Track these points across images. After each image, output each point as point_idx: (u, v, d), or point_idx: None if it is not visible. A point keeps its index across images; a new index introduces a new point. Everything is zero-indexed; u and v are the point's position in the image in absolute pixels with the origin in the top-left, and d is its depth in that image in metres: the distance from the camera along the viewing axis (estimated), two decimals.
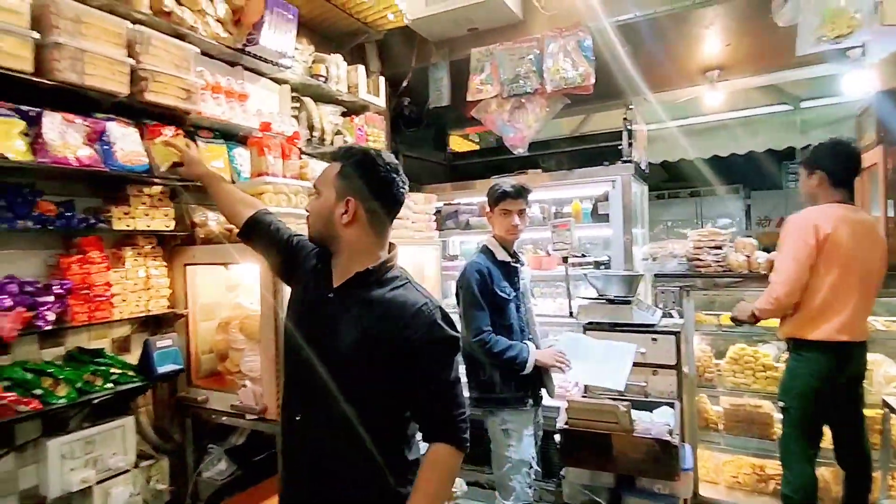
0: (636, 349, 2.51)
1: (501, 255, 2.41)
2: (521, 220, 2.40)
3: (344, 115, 2.97)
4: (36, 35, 1.64)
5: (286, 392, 1.42)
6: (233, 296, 2.32)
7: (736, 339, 3.25)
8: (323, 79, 2.75)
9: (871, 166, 2.93)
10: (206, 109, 2.22)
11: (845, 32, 2.43)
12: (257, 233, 1.60)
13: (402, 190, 1.38)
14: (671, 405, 2.52)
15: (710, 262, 3.12)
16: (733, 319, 2.63)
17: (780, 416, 2.47)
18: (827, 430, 2.41)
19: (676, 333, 2.70)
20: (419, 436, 1.40)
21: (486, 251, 2.43)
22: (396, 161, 1.39)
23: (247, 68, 2.50)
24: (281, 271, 1.60)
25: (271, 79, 2.60)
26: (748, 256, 3.04)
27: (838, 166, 2.34)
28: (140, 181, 2.00)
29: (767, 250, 2.99)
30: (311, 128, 2.70)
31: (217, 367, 2.28)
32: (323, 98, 2.86)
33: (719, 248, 3.13)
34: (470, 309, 2.29)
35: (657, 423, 2.36)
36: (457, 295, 2.44)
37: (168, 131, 1.99)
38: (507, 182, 2.41)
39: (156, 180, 2.02)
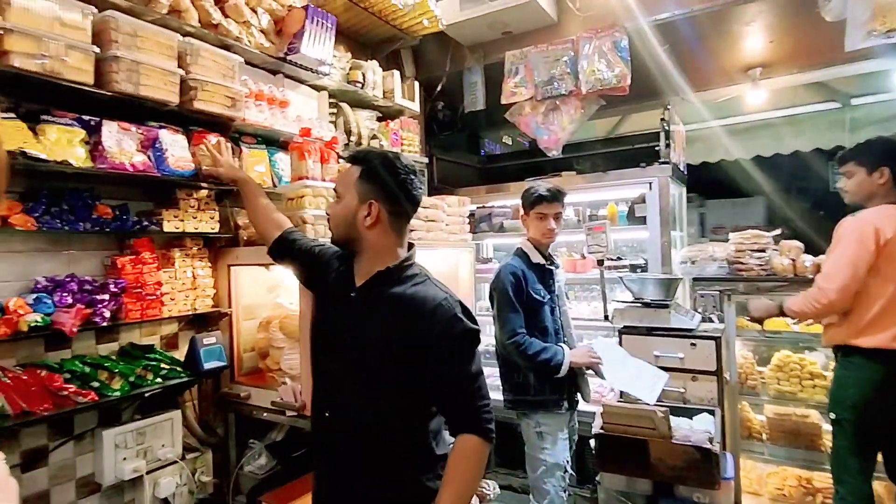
0: (668, 379, 2.45)
1: (536, 258, 2.40)
2: (556, 224, 2.40)
3: (379, 119, 3.04)
4: (97, 50, 1.74)
5: (315, 389, 1.47)
6: (273, 296, 2.40)
7: (781, 346, 3.14)
8: (359, 85, 2.81)
9: None
10: (250, 116, 2.31)
11: None
12: (285, 252, 1.69)
13: (420, 190, 1.43)
14: (711, 412, 2.46)
15: (752, 266, 3.03)
16: (751, 319, 2.58)
17: (830, 427, 2.36)
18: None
19: (717, 338, 2.63)
20: (447, 431, 1.42)
21: (520, 254, 2.43)
22: (413, 162, 1.44)
23: (287, 76, 2.58)
24: (305, 280, 1.68)
25: (310, 86, 2.69)
26: (794, 260, 2.93)
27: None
28: (188, 185, 2.10)
29: None
30: (347, 133, 2.77)
31: (258, 365, 2.36)
32: (359, 103, 2.93)
33: (763, 250, 3.04)
34: (504, 311, 2.30)
35: (697, 430, 2.31)
36: (490, 297, 2.45)
37: (213, 138, 2.08)
38: (542, 185, 2.40)
39: (202, 184, 2.11)
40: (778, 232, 3.12)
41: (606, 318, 3.08)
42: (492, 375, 2.32)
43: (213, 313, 2.25)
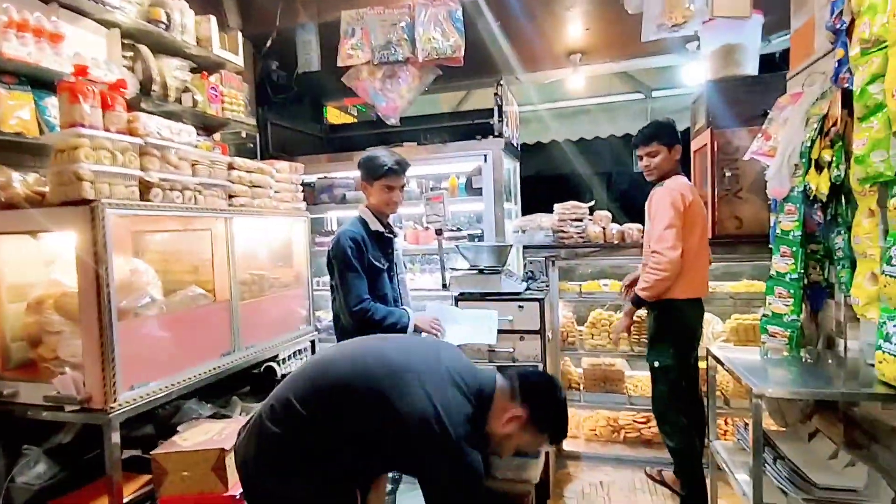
0: (497, 314, 2.61)
1: (375, 226, 2.34)
2: (400, 195, 2.37)
3: (194, 70, 2.66)
4: None
5: None
6: (48, 271, 1.97)
7: (595, 306, 3.52)
8: (163, 26, 2.42)
9: (702, 147, 3.30)
10: (8, 50, 1.86)
11: (680, 21, 2.68)
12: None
13: None
14: (536, 367, 2.66)
15: (572, 234, 3.32)
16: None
17: (634, 374, 2.68)
18: None
19: (541, 300, 2.84)
20: None
21: (360, 221, 2.35)
22: None
23: (64, 6, 2.12)
24: None
25: (97, 20, 2.23)
26: (604, 228, 3.29)
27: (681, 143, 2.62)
28: None
29: None
30: (150, 81, 2.37)
31: (29, 355, 1.94)
32: (165, 49, 2.52)
33: (580, 220, 3.35)
34: (347, 277, 2.22)
35: None
36: (329, 265, 2.34)
37: None
38: (387, 156, 2.32)
39: None
40: (593, 203, 3.47)
41: (444, 286, 3.15)
42: None
43: None
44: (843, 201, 1.86)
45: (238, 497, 1.80)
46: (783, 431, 2.17)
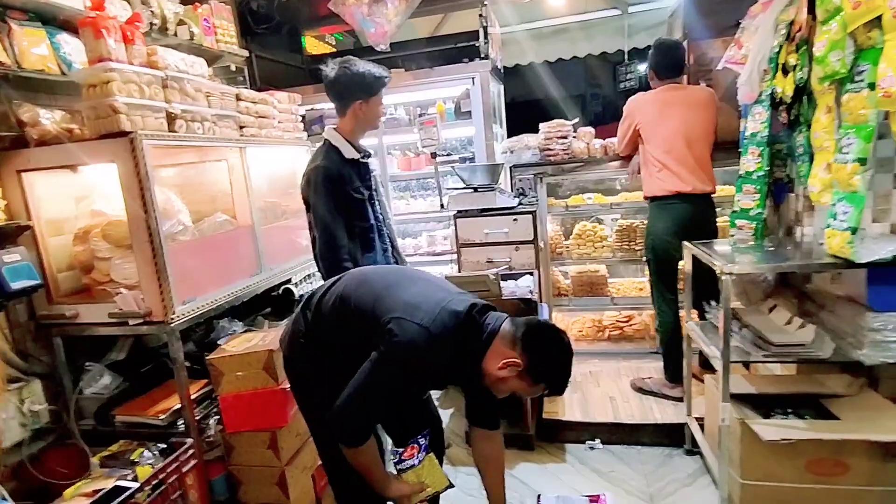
0: None
1: (351, 153, 2.06)
2: None
3: (184, 2, 2.65)
4: None
5: None
6: (86, 203, 2.10)
7: (580, 218, 3.79)
8: None
9: None
10: None
11: None
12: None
13: None
14: (531, 274, 2.95)
15: (558, 151, 3.51)
16: None
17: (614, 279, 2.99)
18: None
19: (533, 213, 3.09)
20: None
21: (332, 150, 2.05)
22: None
23: None
24: None
25: None
26: (588, 143, 3.48)
27: (660, 61, 2.78)
28: None
29: None
30: (150, 14, 2.38)
31: (82, 282, 2.10)
32: None
33: (565, 137, 3.52)
34: (321, 220, 2.00)
35: (521, 286, 2.77)
36: (305, 203, 2.10)
37: None
38: (372, 66, 2.07)
39: None
40: (576, 120, 3.63)
41: (442, 206, 3.36)
42: None
43: (7, 227, 1.89)
44: (805, 102, 2.09)
45: (287, 389, 2.08)
46: (747, 309, 2.52)
